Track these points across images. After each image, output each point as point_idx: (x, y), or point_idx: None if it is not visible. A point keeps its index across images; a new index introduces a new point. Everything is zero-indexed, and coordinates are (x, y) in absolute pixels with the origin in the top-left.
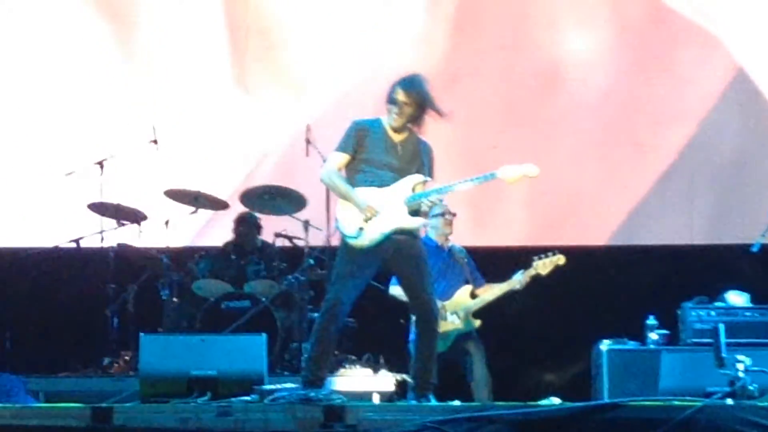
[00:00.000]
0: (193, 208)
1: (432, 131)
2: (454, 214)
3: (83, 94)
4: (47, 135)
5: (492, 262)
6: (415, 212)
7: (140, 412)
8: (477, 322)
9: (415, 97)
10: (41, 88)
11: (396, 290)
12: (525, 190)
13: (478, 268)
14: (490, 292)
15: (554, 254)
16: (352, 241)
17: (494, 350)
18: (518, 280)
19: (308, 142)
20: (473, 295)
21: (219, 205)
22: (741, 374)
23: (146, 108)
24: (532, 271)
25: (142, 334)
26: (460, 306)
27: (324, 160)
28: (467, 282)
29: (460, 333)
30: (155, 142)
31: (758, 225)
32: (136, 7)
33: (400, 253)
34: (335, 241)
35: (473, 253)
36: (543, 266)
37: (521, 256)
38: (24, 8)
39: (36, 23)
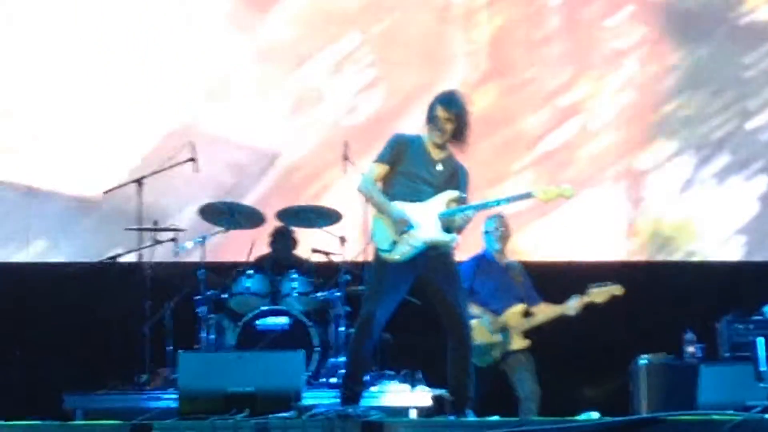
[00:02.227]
0: (227, 227)
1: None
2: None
3: (126, 110)
4: (87, 152)
5: (541, 279)
6: (448, 228)
7: (179, 428)
8: (526, 342)
9: (455, 113)
10: (85, 102)
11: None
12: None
13: (535, 286)
14: (543, 314)
15: (612, 284)
16: (385, 255)
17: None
18: (572, 306)
19: (346, 158)
20: (527, 314)
21: (255, 218)
22: None
23: (184, 126)
24: (586, 299)
25: (180, 351)
26: (509, 324)
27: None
28: (522, 300)
29: (506, 351)
30: (193, 160)
31: None
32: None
33: (433, 267)
34: (371, 257)
35: (531, 268)
36: (598, 294)
37: (569, 273)
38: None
39: (73, 40)
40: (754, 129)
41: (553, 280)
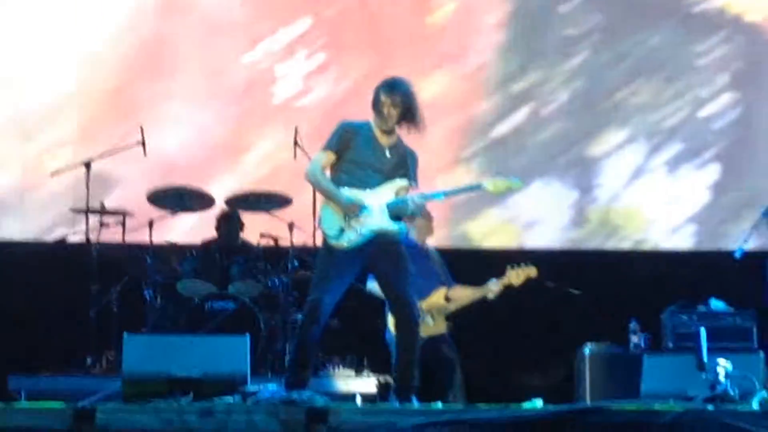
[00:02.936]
0: (175, 210)
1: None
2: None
3: (74, 92)
4: (35, 133)
5: (465, 266)
6: (397, 216)
7: (123, 412)
8: (448, 326)
9: (399, 99)
10: (34, 81)
11: (374, 287)
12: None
13: (449, 270)
14: (465, 296)
15: (527, 265)
16: (333, 242)
17: (477, 353)
18: (491, 288)
19: (296, 144)
20: (446, 298)
21: (204, 201)
22: (722, 378)
23: (135, 109)
24: (505, 280)
25: (125, 333)
26: (434, 307)
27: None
28: (442, 284)
29: (433, 335)
30: (143, 143)
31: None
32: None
33: (381, 255)
34: (319, 243)
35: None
36: (516, 276)
37: (518, 260)
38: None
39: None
40: (706, 117)
41: (503, 267)
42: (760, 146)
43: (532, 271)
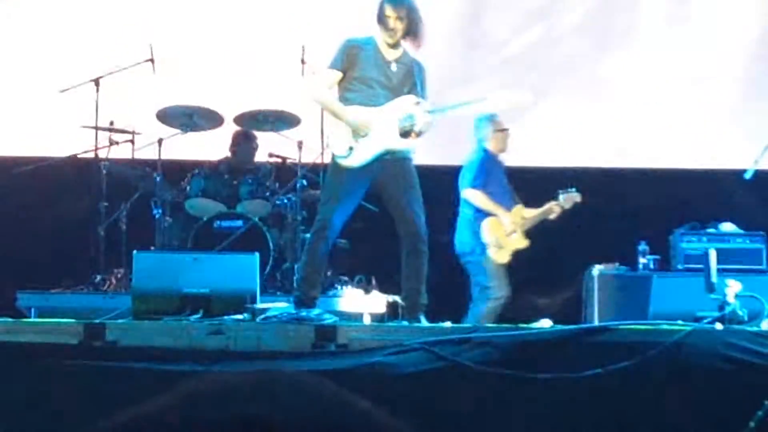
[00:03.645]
0: (185, 129)
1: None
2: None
3: (82, 9)
4: (44, 51)
5: None
6: (406, 133)
7: (132, 329)
8: (527, 242)
9: (404, 12)
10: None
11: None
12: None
13: None
14: (533, 215)
15: (576, 190)
16: (341, 161)
17: None
18: (553, 209)
19: (303, 62)
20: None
21: (214, 120)
22: (731, 299)
23: (144, 26)
24: (562, 203)
25: (135, 251)
26: (518, 223)
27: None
28: (515, 201)
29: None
30: (152, 60)
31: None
32: None
33: (390, 174)
34: (328, 162)
35: None
36: (568, 200)
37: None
38: None
39: None
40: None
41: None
42: None
43: (578, 197)
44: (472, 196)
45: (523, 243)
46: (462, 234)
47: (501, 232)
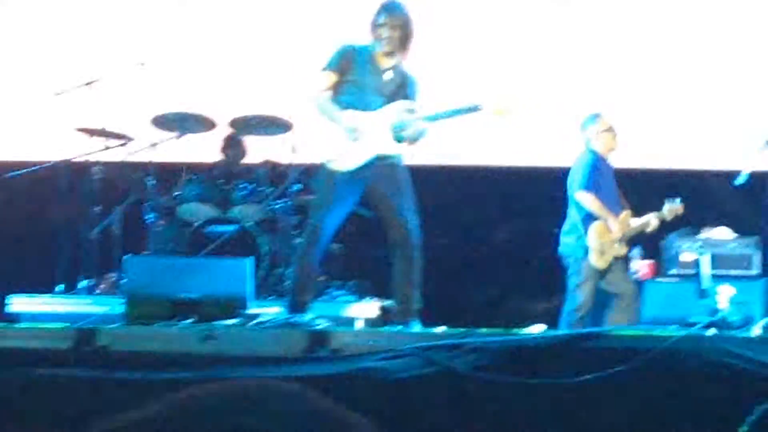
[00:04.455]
0: (179, 133)
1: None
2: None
3: (76, 13)
4: (37, 54)
5: None
6: (399, 138)
7: (124, 334)
8: (626, 250)
9: (399, 19)
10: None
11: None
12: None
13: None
14: (637, 224)
15: (680, 201)
16: (332, 164)
17: (479, 277)
18: (651, 222)
19: (298, 67)
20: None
21: (207, 124)
22: (723, 305)
23: (137, 30)
24: (664, 214)
25: (126, 255)
26: (625, 230)
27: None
28: (622, 206)
29: (617, 256)
30: (145, 64)
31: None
32: None
33: (382, 178)
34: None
35: None
36: (670, 212)
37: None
38: None
39: None
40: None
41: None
42: None
43: (680, 209)
44: (584, 199)
45: (623, 251)
46: (567, 235)
47: (607, 238)
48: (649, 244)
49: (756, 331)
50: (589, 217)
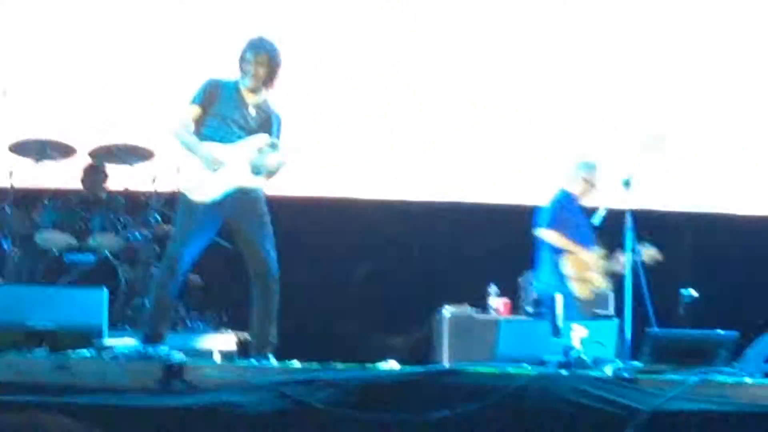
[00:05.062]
0: (37, 159)
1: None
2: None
3: None
4: None
5: None
6: (258, 171)
7: None
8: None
9: (265, 57)
10: None
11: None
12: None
13: None
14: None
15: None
16: (191, 195)
17: (336, 312)
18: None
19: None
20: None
21: (67, 151)
22: (576, 344)
23: None
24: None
25: None
26: (600, 265)
27: None
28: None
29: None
30: (4, 92)
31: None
32: None
33: (241, 211)
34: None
35: None
36: (647, 255)
37: None
38: None
39: None
40: None
41: None
42: None
43: (657, 255)
44: (546, 235)
45: (604, 283)
46: (541, 272)
47: (582, 267)
48: (506, 281)
49: (608, 370)
50: (558, 252)
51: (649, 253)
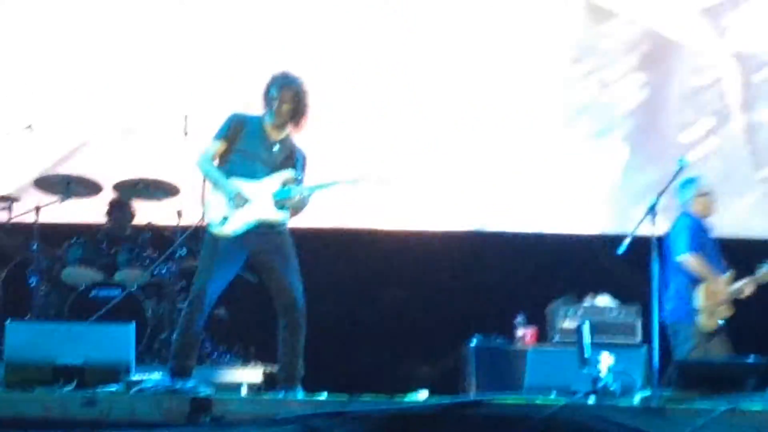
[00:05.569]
0: (63, 196)
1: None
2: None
3: None
4: None
5: None
6: (283, 207)
7: (4, 399)
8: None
9: (290, 94)
10: None
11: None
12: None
13: None
14: (738, 285)
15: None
16: (215, 230)
17: (363, 343)
18: (744, 288)
19: (185, 132)
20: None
21: (92, 188)
22: (604, 373)
23: (22, 92)
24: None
25: (8, 320)
26: (730, 291)
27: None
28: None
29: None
30: (30, 128)
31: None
32: None
33: (266, 245)
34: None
35: None
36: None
37: None
38: None
39: None
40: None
41: None
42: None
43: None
44: (689, 261)
45: (730, 311)
46: (672, 301)
47: (714, 299)
48: (534, 310)
49: (636, 399)
50: (693, 281)
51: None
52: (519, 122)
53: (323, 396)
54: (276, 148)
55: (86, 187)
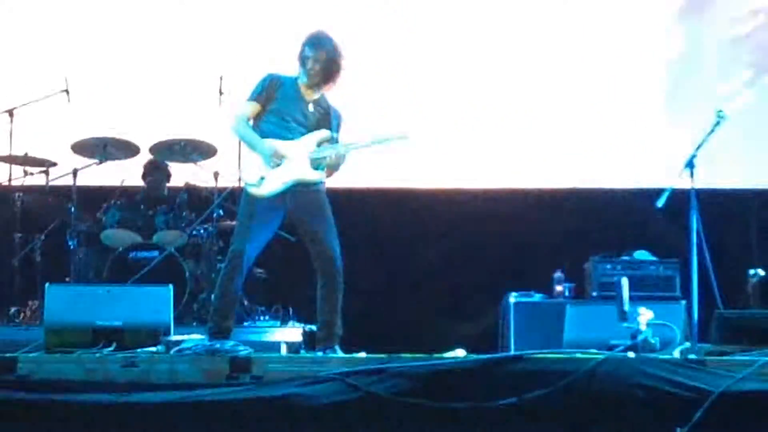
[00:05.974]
0: (100, 159)
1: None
2: None
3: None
4: None
5: None
6: (319, 166)
7: (45, 362)
8: None
9: (323, 53)
10: None
11: None
12: None
13: None
14: None
15: None
16: (252, 190)
17: (401, 301)
18: None
19: (221, 92)
20: None
21: (129, 150)
22: (643, 327)
23: (59, 57)
24: None
25: (47, 284)
26: None
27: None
28: None
29: None
30: (67, 91)
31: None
32: None
33: (303, 204)
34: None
35: None
36: None
37: None
38: None
39: None
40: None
41: None
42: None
43: None
44: None
45: None
46: None
47: None
48: (573, 266)
49: (676, 353)
50: None
51: None
52: (555, 77)
53: (362, 355)
54: (311, 107)
55: (123, 150)
